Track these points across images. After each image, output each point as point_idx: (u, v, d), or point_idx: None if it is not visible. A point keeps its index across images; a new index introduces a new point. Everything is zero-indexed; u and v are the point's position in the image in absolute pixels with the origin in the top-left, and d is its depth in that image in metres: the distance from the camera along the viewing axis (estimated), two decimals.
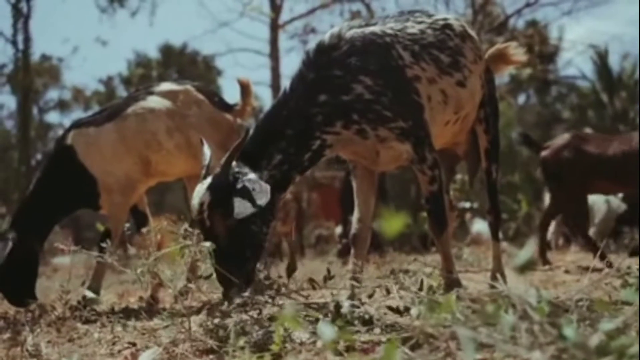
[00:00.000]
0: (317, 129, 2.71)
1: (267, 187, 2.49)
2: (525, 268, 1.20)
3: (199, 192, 2.53)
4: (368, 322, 2.07)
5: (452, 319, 1.37)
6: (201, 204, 2.49)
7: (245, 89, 4.45)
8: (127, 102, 4.39)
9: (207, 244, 2.34)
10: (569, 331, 1.07)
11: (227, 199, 2.45)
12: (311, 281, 2.57)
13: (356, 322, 2.16)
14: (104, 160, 4.16)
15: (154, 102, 4.30)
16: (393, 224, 1.04)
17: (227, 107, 4.43)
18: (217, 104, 4.40)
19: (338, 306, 2.26)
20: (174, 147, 4.24)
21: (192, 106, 4.31)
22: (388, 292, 2.40)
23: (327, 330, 1.07)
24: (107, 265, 4.18)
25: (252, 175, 2.52)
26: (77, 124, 4.39)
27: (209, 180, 2.54)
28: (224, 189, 2.47)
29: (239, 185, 2.46)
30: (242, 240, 2.49)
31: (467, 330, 1.06)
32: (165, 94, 4.34)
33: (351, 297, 2.66)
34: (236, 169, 2.54)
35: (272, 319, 2.20)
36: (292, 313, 1.24)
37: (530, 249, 1.23)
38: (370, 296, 2.42)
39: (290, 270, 2.50)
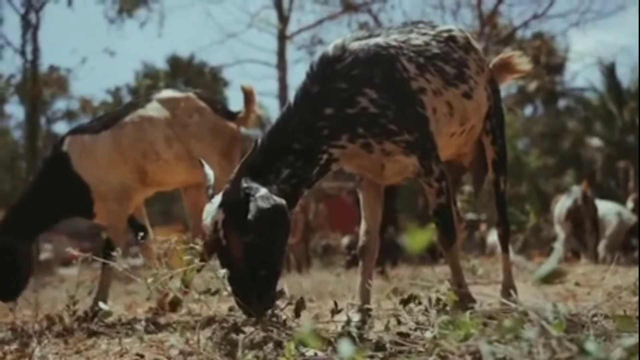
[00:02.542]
0: (324, 143, 2.68)
1: (283, 202, 2.45)
2: (548, 280, 1.17)
3: (211, 211, 2.45)
4: (381, 348, 2.03)
5: (468, 335, 1.34)
6: (215, 223, 2.42)
7: (248, 96, 4.37)
8: (125, 110, 4.32)
9: (223, 271, 2.30)
10: (591, 346, 1.05)
11: (242, 216, 2.40)
12: (316, 317, 2.48)
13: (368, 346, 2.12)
14: (99, 168, 4.09)
15: (153, 110, 4.22)
16: (418, 239, 1.03)
17: (230, 115, 4.36)
18: (220, 111, 4.33)
19: (350, 334, 2.22)
20: (173, 157, 4.17)
21: (194, 114, 4.23)
22: (399, 321, 2.34)
23: (346, 348, 1.05)
24: (112, 276, 4.16)
25: (263, 191, 2.47)
26: (73, 131, 4.34)
27: (218, 198, 2.47)
28: (238, 206, 2.41)
29: (255, 217, 2.38)
30: (261, 256, 2.43)
31: (488, 346, 1.03)
32: (166, 102, 4.27)
33: (362, 323, 2.60)
34: (245, 185, 2.48)
35: (284, 333, 2.16)
36: (310, 330, 1.22)
37: (554, 260, 1.20)
38: (386, 328, 2.37)
39: (298, 309, 2.43)
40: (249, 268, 2.39)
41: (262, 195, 2.43)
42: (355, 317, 2.60)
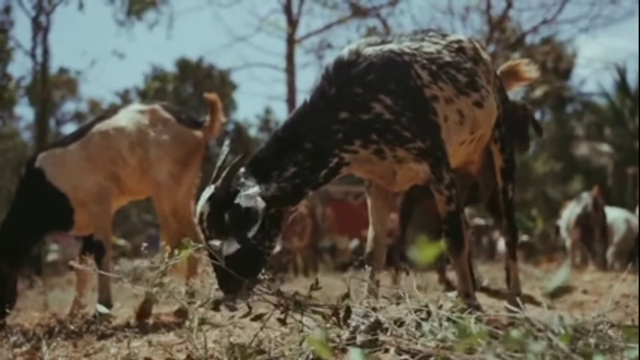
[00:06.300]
0: (337, 147, 2.69)
1: (261, 207, 2.44)
2: (558, 294, 1.17)
3: (203, 198, 2.51)
4: (376, 328, 2.03)
5: (475, 344, 1.34)
6: (201, 214, 2.49)
7: (212, 106, 4.60)
8: (93, 122, 4.54)
9: (217, 242, 2.35)
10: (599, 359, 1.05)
11: (223, 213, 2.44)
12: (295, 294, 2.46)
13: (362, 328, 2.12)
14: (72, 176, 4.25)
15: (119, 120, 4.42)
16: (427, 251, 1.03)
17: (195, 124, 4.58)
18: (185, 121, 4.54)
19: (348, 310, 2.23)
20: (137, 162, 4.35)
21: (158, 124, 4.44)
22: (398, 303, 2.35)
23: (357, 356, 1.06)
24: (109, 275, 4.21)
25: (251, 191, 2.48)
26: (43, 148, 4.55)
27: (211, 189, 2.51)
28: (222, 203, 2.46)
29: (231, 214, 2.42)
30: (239, 253, 2.40)
31: (496, 358, 1.04)
32: (132, 113, 4.48)
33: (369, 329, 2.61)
34: (242, 179, 2.52)
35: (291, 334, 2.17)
36: (320, 336, 1.23)
37: (564, 273, 1.19)
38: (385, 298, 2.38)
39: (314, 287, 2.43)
40: (225, 261, 2.39)
41: (248, 194, 2.46)
42: (355, 310, 2.60)
